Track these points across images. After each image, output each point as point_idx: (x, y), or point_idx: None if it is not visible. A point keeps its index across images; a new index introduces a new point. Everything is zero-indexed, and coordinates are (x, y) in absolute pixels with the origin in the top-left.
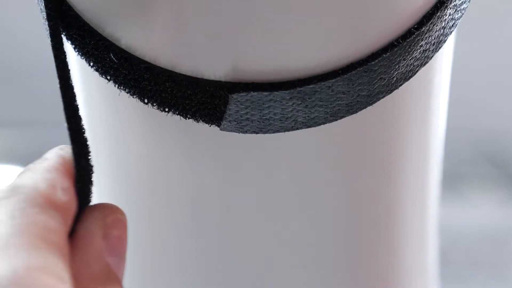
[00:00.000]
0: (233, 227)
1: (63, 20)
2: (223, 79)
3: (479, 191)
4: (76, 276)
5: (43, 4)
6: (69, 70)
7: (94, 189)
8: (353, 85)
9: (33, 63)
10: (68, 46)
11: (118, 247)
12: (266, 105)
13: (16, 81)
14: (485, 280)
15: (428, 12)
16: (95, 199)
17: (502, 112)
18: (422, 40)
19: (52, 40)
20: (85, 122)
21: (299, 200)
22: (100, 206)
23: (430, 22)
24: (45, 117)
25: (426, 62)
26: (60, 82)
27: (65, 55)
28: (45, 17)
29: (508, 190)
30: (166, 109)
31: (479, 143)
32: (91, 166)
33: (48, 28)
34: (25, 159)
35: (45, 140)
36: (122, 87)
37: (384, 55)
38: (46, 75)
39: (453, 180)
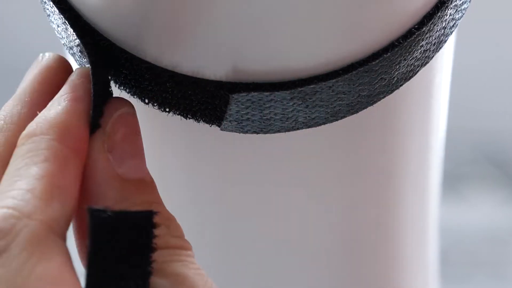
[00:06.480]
0: (233, 226)
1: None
2: (223, 79)
3: (479, 191)
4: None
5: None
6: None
7: None
8: (353, 85)
9: (32, 63)
10: None
11: (128, 150)
12: (266, 105)
13: (16, 81)
14: (485, 280)
15: (429, 12)
16: None
17: (502, 112)
18: (422, 40)
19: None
20: None
21: (299, 200)
22: (104, 113)
23: (430, 22)
24: None
25: (427, 62)
26: None
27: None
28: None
29: (508, 190)
30: (167, 109)
31: (479, 144)
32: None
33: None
34: None
35: None
36: (122, 87)
37: (385, 55)
38: None
39: (453, 180)
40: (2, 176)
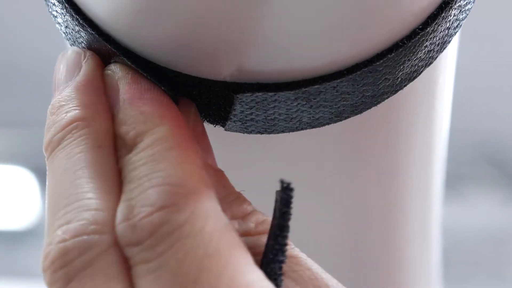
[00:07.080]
0: None
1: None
2: (228, 80)
3: (479, 191)
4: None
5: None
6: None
7: None
8: (358, 85)
9: (32, 63)
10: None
11: (207, 143)
12: (271, 106)
13: (16, 81)
14: (486, 280)
15: (433, 12)
16: None
17: (502, 113)
18: (426, 41)
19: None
20: None
21: (302, 200)
22: (182, 110)
23: (435, 23)
24: (45, 117)
25: (431, 63)
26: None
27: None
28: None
29: (508, 190)
30: None
31: (479, 144)
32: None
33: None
34: (25, 159)
35: None
36: None
37: (389, 56)
38: (46, 75)
39: (453, 180)
40: (117, 162)
